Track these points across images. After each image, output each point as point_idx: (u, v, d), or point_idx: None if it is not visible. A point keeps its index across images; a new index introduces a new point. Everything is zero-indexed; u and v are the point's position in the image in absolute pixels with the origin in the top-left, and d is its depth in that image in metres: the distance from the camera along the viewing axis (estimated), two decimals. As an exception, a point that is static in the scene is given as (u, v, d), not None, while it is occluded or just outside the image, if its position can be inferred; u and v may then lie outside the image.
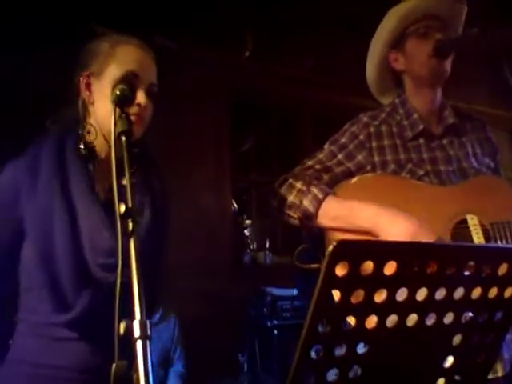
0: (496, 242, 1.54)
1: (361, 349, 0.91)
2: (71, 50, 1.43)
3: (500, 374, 1.54)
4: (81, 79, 1.37)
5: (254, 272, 3.91)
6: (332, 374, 0.89)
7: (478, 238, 1.53)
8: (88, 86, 1.36)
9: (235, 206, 4.14)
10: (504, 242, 1.52)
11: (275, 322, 3.32)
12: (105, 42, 1.38)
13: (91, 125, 1.36)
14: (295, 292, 3.56)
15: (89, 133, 1.36)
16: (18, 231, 1.30)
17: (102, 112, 1.34)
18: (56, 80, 1.43)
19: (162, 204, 1.41)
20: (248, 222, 4.25)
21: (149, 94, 1.35)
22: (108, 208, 1.30)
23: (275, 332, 3.30)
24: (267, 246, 4.09)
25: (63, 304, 1.24)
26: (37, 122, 1.43)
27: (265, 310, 3.35)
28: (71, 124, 1.39)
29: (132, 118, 1.25)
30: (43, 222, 1.27)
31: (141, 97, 1.32)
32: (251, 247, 4.15)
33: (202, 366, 3.07)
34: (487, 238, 1.54)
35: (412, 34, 1.71)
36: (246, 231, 4.23)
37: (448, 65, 1.69)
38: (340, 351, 0.89)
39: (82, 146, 1.36)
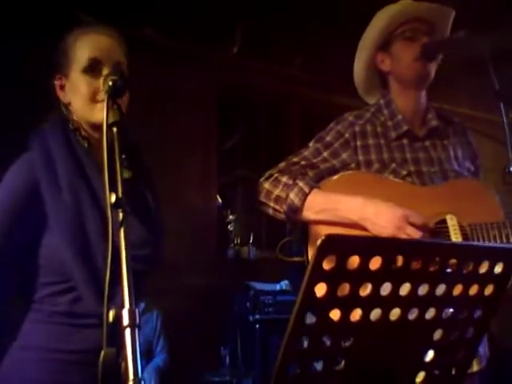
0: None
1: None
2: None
3: (475, 369, 1.59)
4: (55, 83, 1.38)
5: (237, 267, 3.93)
6: (317, 365, 0.91)
7: (455, 238, 1.57)
8: (62, 87, 1.37)
9: (219, 200, 4.15)
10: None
11: (257, 316, 3.34)
12: (67, 39, 1.37)
13: (77, 122, 1.37)
14: (278, 287, 3.59)
15: (78, 129, 1.37)
16: (32, 229, 1.28)
17: (77, 106, 1.34)
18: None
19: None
20: (232, 217, 4.26)
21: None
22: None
23: (257, 326, 3.32)
24: (251, 241, 4.11)
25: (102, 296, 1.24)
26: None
27: (247, 304, 3.37)
28: (64, 121, 1.39)
29: (101, 104, 1.26)
30: (76, 218, 1.25)
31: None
32: (235, 242, 4.16)
33: (184, 358, 3.09)
34: (465, 239, 1.58)
35: (399, 36, 1.73)
36: (229, 226, 4.24)
37: (433, 67, 1.73)
38: (325, 343, 0.91)
39: (80, 138, 1.35)
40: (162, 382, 2.95)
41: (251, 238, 4.15)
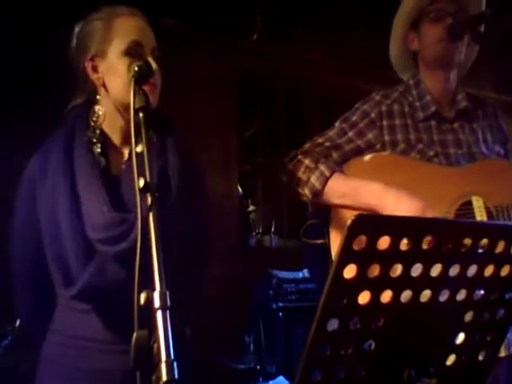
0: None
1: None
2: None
3: (503, 354, 1.57)
4: (86, 63, 1.36)
5: (260, 255, 3.94)
6: (348, 347, 0.91)
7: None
8: (95, 68, 1.36)
9: (240, 190, 4.16)
10: None
11: (280, 304, 3.34)
12: (98, 19, 1.37)
13: (101, 107, 1.37)
14: (300, 275, 3.58)
15: (98, 116, 1.37)
16: (37, 219, 1.35)
17: (116, 89, 1.34)
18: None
19: (187, 178, 1.41)
20: (252, 207, 4.27)
21: (155, 59, 1.34)
22: (119, 182, 1.35)
23: (280, 314, 3.33)
24: (273, 229, 4.11)
25: (69, 279, 1.29)
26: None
27: (270, 292, 3.37)
28: (83, 109, 1.41)
29: (148, 88, 1.26)
30: (51, 203, 1.30)
31: (153, 65, 1.30)
32: (256, 231, 4.17)
33: (208, 346, 3.11)
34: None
35: (426, 16, 1.71)
36: (250, 215, 4.25)
37: (459, 47, 1.69)
38: (355, 325, 0.90)
39: (91, 128, 1.37)
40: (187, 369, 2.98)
41: (273, 226, 4.15)
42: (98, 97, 1.38)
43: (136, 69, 1.12)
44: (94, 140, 1.37)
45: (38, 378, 1.37)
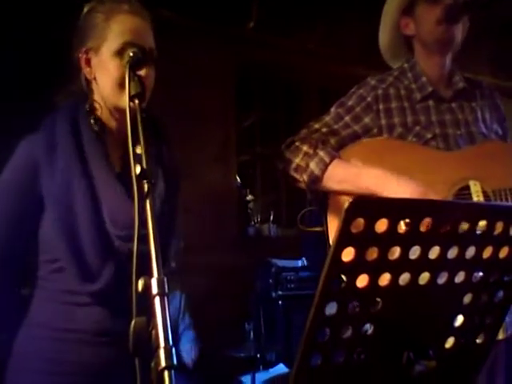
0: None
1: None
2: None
3: (501, 336, 1.57)
4: (80, 55, 1.34)
5: (259, 244, 3.95)
6: (346, 331, 0.91)
7: None
8: (88, 61, 1.34)
9: (238, 180, 4.16)
10: None
11: (280, 292, 3.37)
12: (99, 12, 1.34)
13: (95, 101, 1.36)
14: (300, 263, 3.60)
15: (95, 109, 1.36)
16: (33, 207, 1.31)
17: (104, 87, 1.32)
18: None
19: (174, 177, 1.41)
20: (251, 196, 4.27)
21: (150, 60, 1.31)
22: (123, 179, 1.33)
23: (280, 302, 3.35)
24: (271, 218, 4.11)
25: (88, 275, 1.26)
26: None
27: (270, 281, 3.39)
28: (81, 98, 1.39)
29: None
30: (65, 198, 1.28)
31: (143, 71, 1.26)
32: (255, 220, 4.18)
33: (209, 335, 3.12)
34: None
35: None
36: (249, 205, 4.26)
37: (457, 30, 1.68)
38: (353, 309, 0.90)
39: (92, 121, 1.35)
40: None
41: (271, 215, 4.16)
42: (90, 90, 1.37)
43: (131, 54, 1.11)
44: (98, 131, 1.35)
45: (13, 373, 1.32)
